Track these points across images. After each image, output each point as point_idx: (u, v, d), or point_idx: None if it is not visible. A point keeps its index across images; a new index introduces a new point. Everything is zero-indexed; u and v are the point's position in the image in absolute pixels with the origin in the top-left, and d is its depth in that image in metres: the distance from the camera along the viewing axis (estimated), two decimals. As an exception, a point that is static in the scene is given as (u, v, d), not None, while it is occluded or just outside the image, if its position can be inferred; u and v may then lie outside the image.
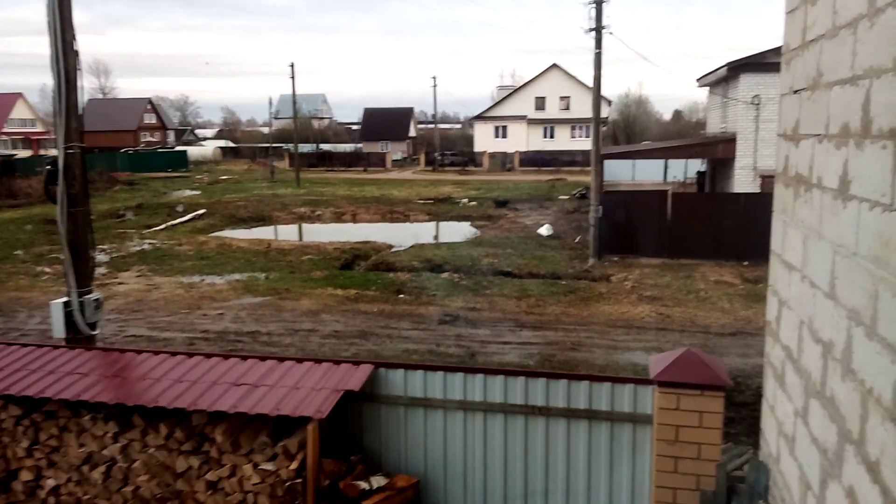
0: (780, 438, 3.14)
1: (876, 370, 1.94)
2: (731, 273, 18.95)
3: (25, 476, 5.95)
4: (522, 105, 68.86)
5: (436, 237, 28.92)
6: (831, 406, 2.35)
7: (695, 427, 4.90)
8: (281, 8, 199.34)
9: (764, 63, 22.85)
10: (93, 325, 8.23)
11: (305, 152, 68.51)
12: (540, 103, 68.78)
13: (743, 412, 9.71)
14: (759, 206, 19.65)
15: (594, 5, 21.01)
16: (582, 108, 63.57)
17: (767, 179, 23.04)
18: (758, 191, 23.11)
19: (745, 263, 19.80)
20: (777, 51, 21.24)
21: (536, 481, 5.73)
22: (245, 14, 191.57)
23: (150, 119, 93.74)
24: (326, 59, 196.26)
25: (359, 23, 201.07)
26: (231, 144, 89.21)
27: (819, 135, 2.61)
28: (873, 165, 2.01)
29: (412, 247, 24.29)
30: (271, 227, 31.96)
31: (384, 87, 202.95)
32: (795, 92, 3.03)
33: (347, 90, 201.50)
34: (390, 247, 24.76)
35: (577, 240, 24.51)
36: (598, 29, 20.97)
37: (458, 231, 29.56)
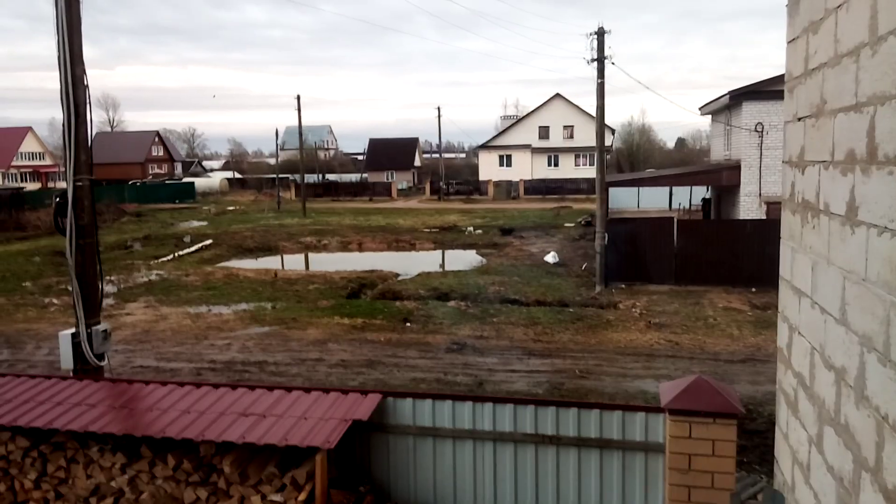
0: (794, 466, 3.11)
1: (890, 396, 1.93)
2: (739, 299, 18.87)
3: (32, 509, 5.92)
4: (526, 134, 69.35)
5: (442, 265, 28.94)
6: (846, 433, 2.33)
7: (708, 455, 4.84)
8: (284, 41, 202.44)
9: (766, 91, 23.02)
10: (101, 356, 8.24)
11: (311, 182, 69.01)
12: (544, 132, 69.26)
13: (755, 440, 9.60)
14: (765, 233, 19.65)
15: (596, 37, 21.28)
16: (585, 136, 63.98)
17: (773, 206, 23.06)
18: (763, 217, 23.11)
19: (753, 290, 19.72)
20: (779, 79, 21.43)
21: (547, 512, 5.66)
22: (249, 47, 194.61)
23: (157, 151, 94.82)
24: (331, 90, 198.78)
25: (361, 55, 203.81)
26: (238, 175, 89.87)
27: (825, 161, 2.63)
28: (880, 191, 2.02)
29: (418, 275, 24.30)
30: (278, 257, 32.08)
31: (388, 117, 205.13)
32: (800, 119, 3.06)
33: (352, 121, 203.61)
34: (397, 275, 24.78)
35: (583, 267, 24.50)
36: (601, 59, 21.20)
37: (464, 259, 29.58)
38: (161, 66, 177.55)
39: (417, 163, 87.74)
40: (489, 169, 69.07)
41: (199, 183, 74.36)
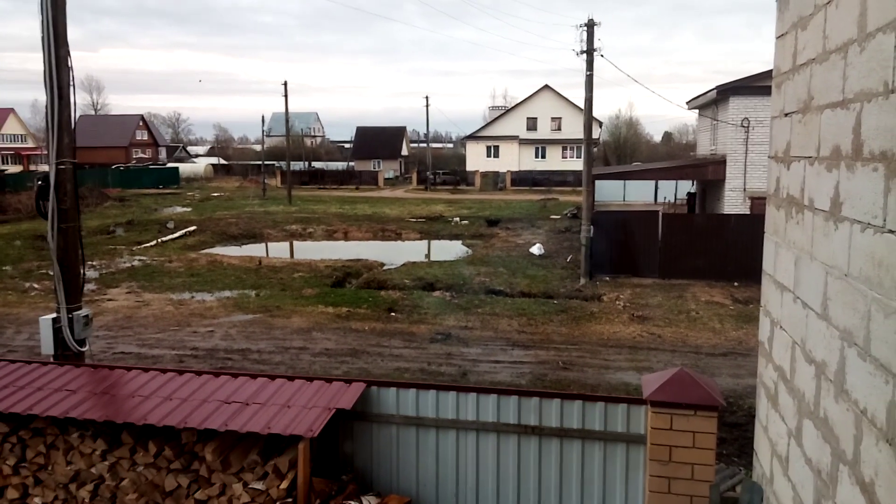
0: (773, 459, 3.15)
1: (869, 391, 1.96)
2: (721, 293, 19.03)
3: (12, 494, 5.86)
4: (514, 125, 69.36)
5: (428, 255, 28.93)
6: (825, 426, 2.36)
7: (688, 447, 4.89)
8: (271, 26, 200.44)
9: (753, 86, 23.15)
10: (82, 342, 8.16)
11: (297, 170, 68.67)
12: (532, 123, 69.31)
13: (735, 433, 9.71)
14: (749, 228, 19.82)
15: (585, 28, 21.27)
16: (573, 128, 64.07)
17: (757, 201, 23.25)
18: (748, 212, 23.30)
19: (736, 284, 19.90)
20: (766, 74, 21.54)
21: (529, 501, 5.70)
22: (235, 32, 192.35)
23: (141, 135, 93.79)
24: (318, 77, 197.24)
25: (349, 42, 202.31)
26: (223, 161, 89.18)
27: (810, 157, 2.65)
28: (865, 187, 2.03)
29: (404, 265, 24.29)
30: (262, 245, 31.91)
31: (376, 105, 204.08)
32: (786, 115, 3.07)
33: (339, 108, 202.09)
34: (382, 265, 24.75)
35: (568, 259, 24.59)
36: (590, 51, 21.20)
37: (449, 249, 29.60)
38: (147, 50, 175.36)
39: (405, 152, 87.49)
40: (476, 159, 69.05)
41: (184, 168, 73.72)
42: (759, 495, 3.36)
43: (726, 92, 24.19)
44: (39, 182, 8.05)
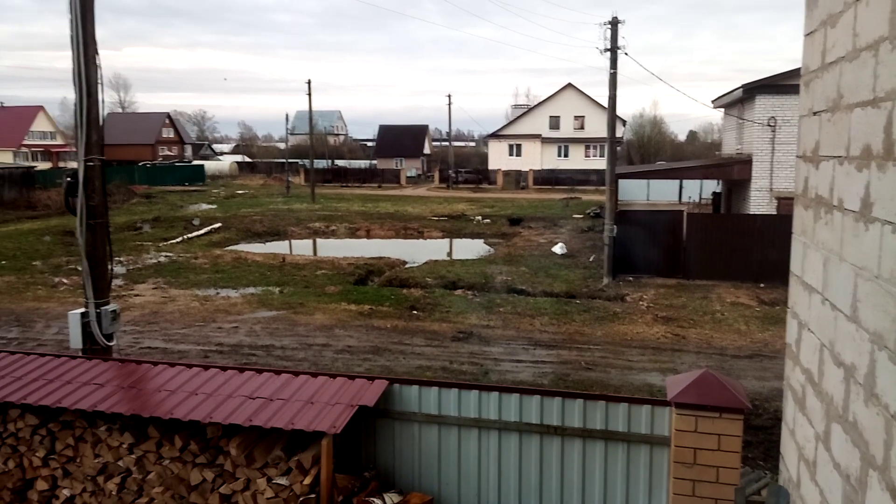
0: (800, 463, 3.10)
1: (900, 394, 1.92)
2: (747, 295, 18.80)
3: (41, 486, 5.98)
4: (537, 124, 69.07)
5: (450, 254, 28.95)
6: (854, 431, 2.32)
7: (713, 450, 4.84)
8: (290, 25, 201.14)
9: (780, 85, 22.82)
10: (109, 337, 8.29)
11: (321, 168, 69.07)
12: (554, 122, 68.97)
13: (760, 436, 9.59)
14: (775, 228, 19.55)
15: (609, 26, 21.11)
16: (596, 127, 63.66)
17: (784, 201, 22.92)
18: (774, 212, 22.98)
19: (762, 285, 19.64)
20: (793, 73, 21.22)
21: (552, 502, 5.68)
22: (255, 31, 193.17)
23: (168, 133, 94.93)
24: (340, 76, 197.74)
25: (369, 41, 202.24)
26: (247, 159, 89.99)
27: (840, 157, 2.61)
28: (897, 188, 2.00)
29: (426, 263, 24.32)
30: (286, 242, 32.16)
31: (397, 103, 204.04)
32: (815, 114, 3.03)
33: (361, 107, 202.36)
34: (404, 263, 24.81)
35: (591, 259, 24.45)
36: (614, 49, 21.05)
37: (471, 248, 29.59)
38: (169, 49, 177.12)
39: (427, 150, 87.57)
40: (499, 158, 68.89)
41: (209, 166, 74.56)
42: (786, 499, 3.31)
43: (752, 91, 23.88)
44: (68, 178, 8.19)
